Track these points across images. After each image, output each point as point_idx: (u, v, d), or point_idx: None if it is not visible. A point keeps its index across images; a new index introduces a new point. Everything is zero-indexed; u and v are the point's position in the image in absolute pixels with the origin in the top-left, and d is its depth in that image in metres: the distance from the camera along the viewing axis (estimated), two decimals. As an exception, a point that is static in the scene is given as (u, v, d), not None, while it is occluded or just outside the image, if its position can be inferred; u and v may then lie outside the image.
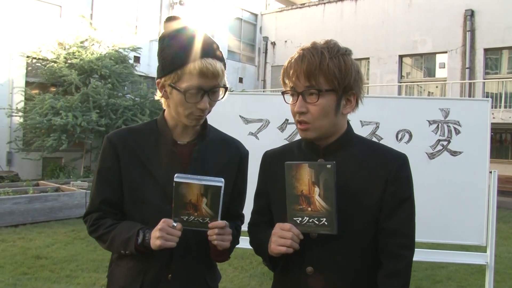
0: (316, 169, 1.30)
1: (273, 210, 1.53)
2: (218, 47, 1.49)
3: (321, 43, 1.39)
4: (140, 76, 14.08)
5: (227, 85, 1.53)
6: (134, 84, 13.25)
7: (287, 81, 1.40)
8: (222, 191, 1.37)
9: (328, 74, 1.33)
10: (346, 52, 1.38)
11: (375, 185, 1.37)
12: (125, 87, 12.85)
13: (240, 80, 20.49)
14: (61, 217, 7.98)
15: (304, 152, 1.48)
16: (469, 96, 15.03)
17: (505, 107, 14.23)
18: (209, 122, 1.63)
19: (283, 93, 1.42)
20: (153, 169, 1.53)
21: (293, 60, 1.37)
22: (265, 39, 21.46)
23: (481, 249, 3.52)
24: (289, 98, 1.42)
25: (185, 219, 1.40)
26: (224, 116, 3.25)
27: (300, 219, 1.34)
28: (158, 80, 1.51)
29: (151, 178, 1.52)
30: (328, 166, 1.29)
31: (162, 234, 1.37)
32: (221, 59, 1.49)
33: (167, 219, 1.40)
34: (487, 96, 14.67)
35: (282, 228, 1.34)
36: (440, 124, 3.45)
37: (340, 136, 1.43)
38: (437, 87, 17.11)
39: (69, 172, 11.74)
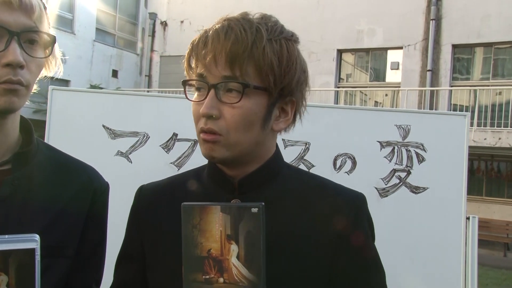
0: (234, 214, 1.20)
1: (151, 281, 1.40)
2: None
3: (256, 16, 1.32)
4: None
5: (54, 36, 1.32)
6: None
7: (194, 65, 1.31)
8: (37, 258, 1.14)
9: (263, 63, 1.25)
10: (292, 38, 1.34)
11: (321, 241, 1.33)
12: None
13: (114, 73, 20.28)
14: None
15: (207, 187, 1.40)
16: (431, 108, 15.71)
17: (478, 125, 15.04)
18: (49, 134, 1.36)
19: (186, 82, 1.33)
20: None
21: (210, 32, 1.27)
22: (153, 16, 21.39)
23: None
24: (192, 95, 1.33)
25: None
26: (75, 125, 3.03)
27: None
28: None
29: None
30: (254, 210, 1.19)
31: None
32: None
33: None
34: (454, 109, 15.52)
35: None
36: (396, 148, 3.45)
37: (264, 163, 1.37)
38: (386, 95, 17.85)
39: None
